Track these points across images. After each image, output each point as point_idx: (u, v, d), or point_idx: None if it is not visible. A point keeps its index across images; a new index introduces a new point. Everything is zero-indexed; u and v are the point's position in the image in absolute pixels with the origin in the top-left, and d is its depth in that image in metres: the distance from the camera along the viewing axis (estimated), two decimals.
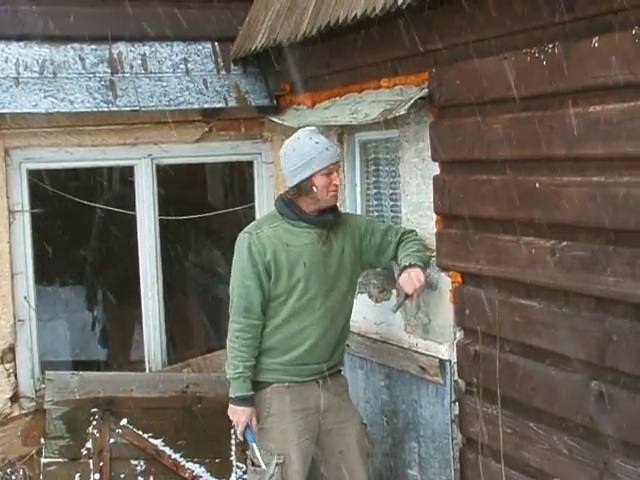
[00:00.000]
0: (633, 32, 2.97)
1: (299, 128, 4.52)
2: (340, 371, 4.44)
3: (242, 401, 4.15)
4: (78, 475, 5.05)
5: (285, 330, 4.17)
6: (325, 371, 4.24)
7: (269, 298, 4.16)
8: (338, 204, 4.37)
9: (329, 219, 4.23)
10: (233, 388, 4.16)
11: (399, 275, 4.22)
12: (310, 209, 4.18)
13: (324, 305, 4.18)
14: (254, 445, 4.19)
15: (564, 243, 3.41)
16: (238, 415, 4.16)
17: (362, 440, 4.38)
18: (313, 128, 4.30)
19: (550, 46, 3.36)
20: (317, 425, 4.24)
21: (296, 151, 4.14)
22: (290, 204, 4.19)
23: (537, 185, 3.50)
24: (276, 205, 4.30)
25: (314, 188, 4.12)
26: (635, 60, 2.97)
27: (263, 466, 4.17)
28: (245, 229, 4.25)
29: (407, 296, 4.19)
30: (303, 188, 4.13)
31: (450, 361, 4.21)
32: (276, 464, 4.15)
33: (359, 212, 5.18)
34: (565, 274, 3.40)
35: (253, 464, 4.26)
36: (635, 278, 3.07)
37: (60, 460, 5.06)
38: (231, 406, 4.19)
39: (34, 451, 5.31)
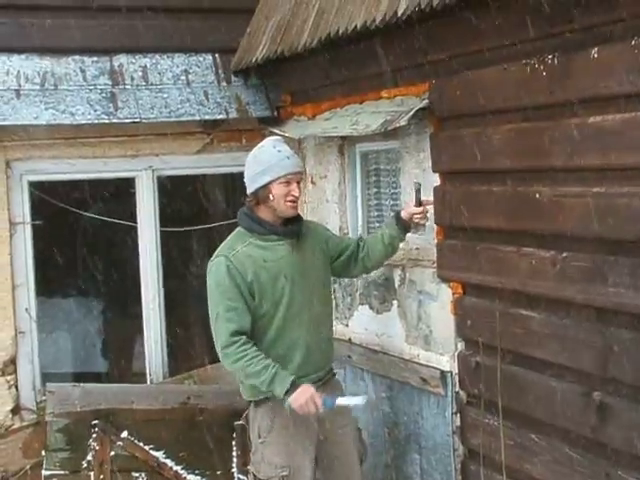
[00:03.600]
0: (632, 43, 2.98)
1: (300, 139, 4.53)
2: (334, 375, 4.40)
3: (294, 386, 3.95)
4: None
5: (277, 346, 4.09)
6: (322, 378, 4.22)
7: (255, 319, 4.07)
8: (338, 216, 4.37)
9: (295, 229, 4.18)
10: (279, 386, 3.93)
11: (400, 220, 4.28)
12: (272, 219, 4.11)
13: (310, 314, 4.15)
14: (338, 402, 4.06)
15: (565, 254, 3.41)
16: (305, 397, 3.94)
17: (358, 446, 4.38)
18: (279, 138, 4.29)
19: (550, 57, 3.37)
20: (316, 433, 4.23)
21: (256, 158, 4.12)
22: (255, 219, 4.11)
23: (537, 196, 3.50)
24: (241, 223, 4.19)
25: (270, 196, 4.04)
26: (634, 70, 2.97)
27: (351, 402, 4.16)
28: (216, 253, 4.14)
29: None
30: (260, 196, 4.07)
31: (451, 372, 4.20)
32: (282, 477, 4.12)
33: (360, 223, 5.18)
34: (566, 285, 3.40)
35: (255, 478, 4.22)
36: (636, 289, 3.07)
37: (61, 472, 5.03)
38: (294, 398, 3.93)
39: (28, 466, 5.27)
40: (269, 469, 4.15)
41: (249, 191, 4.13)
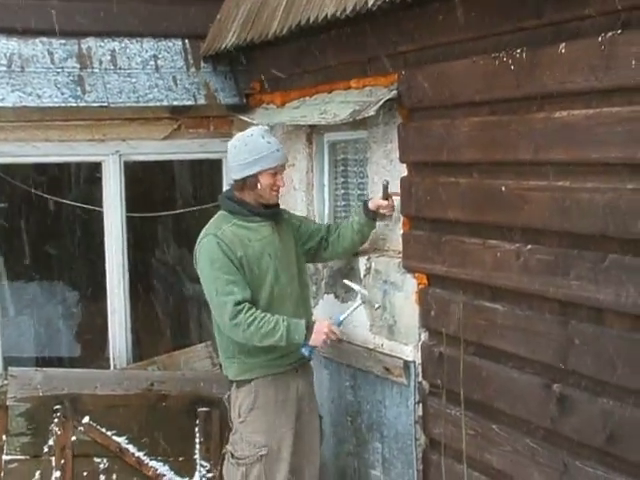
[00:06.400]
0: (599, 39, 3.00)
1: (268, 127, 4.57)
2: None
3: (310, 327, 4.16)
4: (39, 472, 5.00)
5: None
6: (301, 359, 4.32)
7: None
8: (305, 204, 4.39)
9: (276, 212, 4.40)
10: (297, 334, 4.11)
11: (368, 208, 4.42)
12: (254, 203, 4.29)
13: (292, 294, 4.32)
14: (343, 317, 4.39)
15: (529, 247, 3.44)
16: (324, 332, 4.16)
17: (320, 431, 4.54)
18: (267, 128, 4.48)
19: (518, 51, 3.39)
20: (295, 413, 4.32)
21: (248, 146, 4.24)
22: (239, 201, 4.28)
23: (503, 189, 3.53)
24: (224, 206, 4.35)
25: (258, 185, 4.23)
26: (601, 67, 3.00)
27: (359, 289, 4.43)
28: (202, 234, 4.27)
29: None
30: (248, 183, 4.24)
31: (414, 362, 4.22)
32: (260, 455, 4.22)
33: (327, 212, 5.19)
34: (529, 277, 3.43)
35: (233, 456, 4.29)
36: (598, 283, 3.10)
37: (22, 457, 5.01)
38: (314, 339, 4.15)
39: None
40: (248, 448, 4.25)
41: (236, 176, 4.28)
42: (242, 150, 4.24)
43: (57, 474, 5.01)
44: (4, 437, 5.08)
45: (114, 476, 5.12)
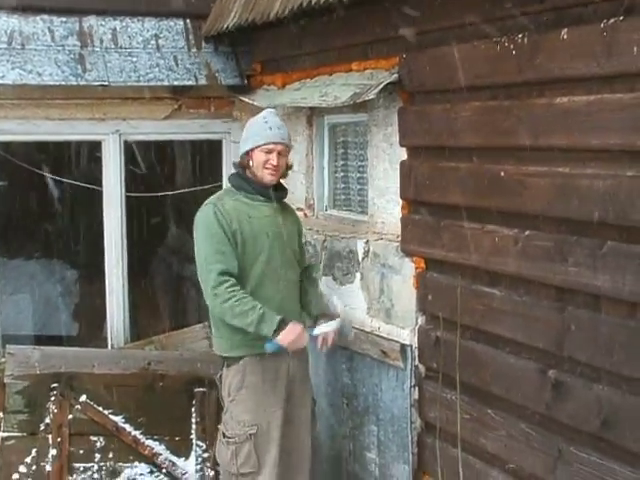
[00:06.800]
0: (601, 25, 2.99)
1: (268, 108, 4.57)
2: None
3: (282, 323, 4.10)
4: (36, 450, 5.01)
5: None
6: None
7: (238, 267, 4.19)
8: (305, 187, 4.40)
9: (279, 194, 4.44)
10: (266, 326, 4.07)
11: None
12: (259, 182, 4.32)
13: (285, 275, 4.34)
14: (316, 332, 4.39)
15: (527, 232, 3.44)
16: (291, 333, 4.12)
17: (313, 415, 4.55)
18: (274, 110, 4.51)
19: (520, 36, 3.37)
20: (284, 393, 4.32)
21: (247, 126, 4.41)
22: (246, 178, 4.34)
23: (502, 174, 3.53)
24: (231, 180, 4.44)
25: (250, 162, 4.31)
26: (602, 53, 2.99)
27: (328, 328, 4.41)
28: (205, 202, 4.34)
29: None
30: (243, 160, 4.34)
31: (411, 346, 4.23)
32: (249, 434, 4.23)
33: (326, 195, 5.19)
34: (527, 263, 3.43)
35: (224, 436, 4.32)
36: (595, 269, 3.10)
37: (18, 434, 5.02)
38: (279, 339, 4.10)
39: None
40: (237, 427, 4.27)
41: (239, 154, 4.41)
42: (245, 129, 4.40)
43: (53, 452, 5.02)
44: (1, 414, 5.10)
45: (110, 455, 5.13)
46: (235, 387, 4.29)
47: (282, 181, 4.50)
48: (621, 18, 2.93)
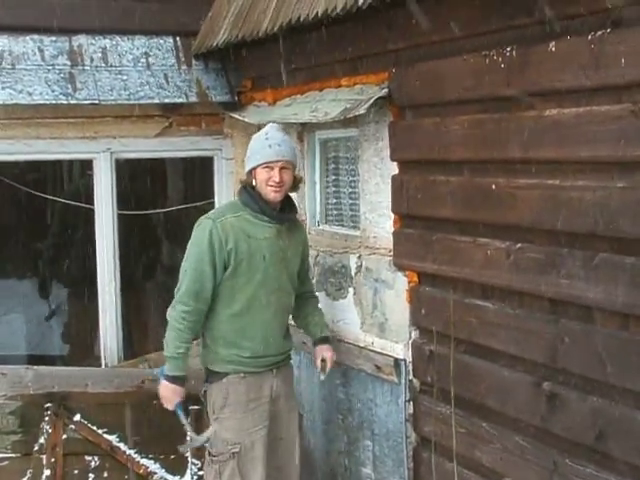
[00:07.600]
0: (589, 37, 3.00)
1: (260, 125, 4.57)
2: (290, 359, 4.54)
3: (178, 380, 4.28)
4: (30, 471, 4.99)
5: (241, 321, 4.23)
6: (278, 363, 4.36)
7: (225, 288, 4.20)
8: (296, 202, 4.40)
9: (288, 217, 4.37)
10: (171, 366, 4.27)
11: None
12: (267, 202, 4.26)
13: (277, 301, 4.30)
14: (182, 417, 4.45)
15: (519, 245, 3.44)
16: (171, 393, 4.31)
17: (299, 431, 4.56)
18: (277, 125, 4.43)
19: (508, 49, 3.39)
20: (268, 412, 4.31)
21: (251, 143, 4.35)
22: (253, 196, 4.27)
23: (493, 187, 3.53)
24: (240, 195, 4.37)
25: (254, 180, 4.26)
26: (590, 65, 3.00)
27: (192, 434, 4.46)
28: (207, 215, 4.32)
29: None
30: (248, 178, 4.30)
31: (405, 360, 4.23)
32: (232, 453, 4.22)
33: (318, 210, 5.19)
34: (519, 276, 3.44)
35: (209, 454, 4.32)
36: (588, 281, 3.11)
37: (12, 455, 5.00)
38: (164, 383, 4.31)
39: None
40: (221, 445, 4.27)
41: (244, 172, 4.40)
42: (249, 146, 4.35)
43: (48, 472, 4.99)
44: None
45: (105, 474, 5.11)
46: (219, 405, 4.28)
47: (293, 195, 4.51)
48: (608, 30, 2.95)
